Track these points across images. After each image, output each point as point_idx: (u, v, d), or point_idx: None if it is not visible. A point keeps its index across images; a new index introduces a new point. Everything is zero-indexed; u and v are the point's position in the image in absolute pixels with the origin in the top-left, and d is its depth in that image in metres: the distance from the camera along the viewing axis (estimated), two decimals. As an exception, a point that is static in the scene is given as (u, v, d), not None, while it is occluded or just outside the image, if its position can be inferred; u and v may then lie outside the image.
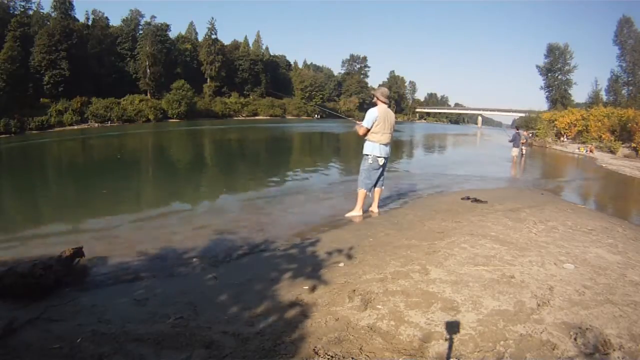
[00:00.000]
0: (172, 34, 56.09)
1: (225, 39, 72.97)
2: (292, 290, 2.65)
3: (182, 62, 54.91)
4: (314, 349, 1.89)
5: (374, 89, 5.11)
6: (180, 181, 8.72)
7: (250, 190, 7.28)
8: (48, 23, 40.79)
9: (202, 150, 17.04)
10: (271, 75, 64.76)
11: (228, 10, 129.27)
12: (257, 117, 56.71)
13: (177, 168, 10.91)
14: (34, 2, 44.15)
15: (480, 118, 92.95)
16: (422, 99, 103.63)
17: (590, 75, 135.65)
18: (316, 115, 64.96)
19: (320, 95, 66.74)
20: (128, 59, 49.67)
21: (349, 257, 3.32)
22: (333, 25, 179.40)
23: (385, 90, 5.07)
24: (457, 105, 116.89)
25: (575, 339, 2.00)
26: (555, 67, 45.81)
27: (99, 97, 40.09)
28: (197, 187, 8.07)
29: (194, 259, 3.48)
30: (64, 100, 37.12)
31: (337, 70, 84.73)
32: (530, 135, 24.97)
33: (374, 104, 4.97)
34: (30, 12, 43.28)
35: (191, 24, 64.61)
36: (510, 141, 13.24)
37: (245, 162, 12.46)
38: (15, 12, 41.98)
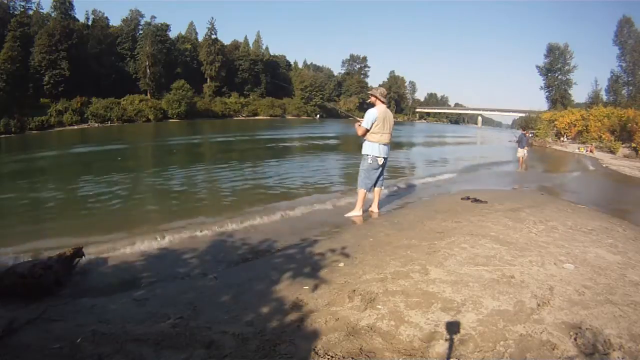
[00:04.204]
0: (172, 34, 56.28)
1: (225, 39, 73.24)
2: (292, 290, 2.65)
3: (182, 62, 54.95)
4: (314, 349, 1.89)
5: (372, 88, 5.09)
6: (180, 183, 8.71)
7: (249, 192, 7.27)
8: (48, 23, 40.81)
9: (203, 155, 17.04)
10: (271, 75, 64.77)
11: (228, 10, 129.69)
12: (257, 117, 56.72)
13: (177, 171, 10.90)
14: (34, 2, 44.34)
15: (480, 118, 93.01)
16: (422, 99, 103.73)
17: (590, 75, 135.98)
18: (317, 116, 64.92)
19: (320, 96, 66.75)
20: (128, 59, 49.70)
21: (349, 257, 3.32)
22: (333, 25, 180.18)
23: (383, 90, 5.07)
24: (457, 105, 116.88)
25: (575, 339, 2.00)
26: (555, 67, 45.74)
27: (99, 97, 40.13)
28: (197, 189, 8.06)
29: (194, 259, 3.48)
30: (64, 100, 37.16)
31: (337, 70, 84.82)
32: (530, 135, 25.02)
33: (372, 104, 4.97)
34: (30, 12, 43.37)
35: (191, 24, 64.76)
36: (517, 142, 13.29)
37: (244, 164, 12.46)
38: (15, 12, 42.04)
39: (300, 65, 79.45)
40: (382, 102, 4.93)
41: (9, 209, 6.16)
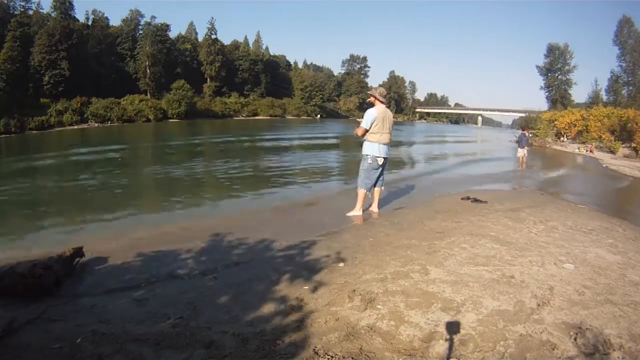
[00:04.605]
0: (172, 34, 56.29)
1: (225, 39, 73.26)
2: (292, 290, 2.65)
3: (182, 62, 54.95)
4: (314, 349, 1.89)
5: (371, 88, 5.10)
6: (182, 183, 8.72)
7: (250, 192, 7.27)
8: (48, 23, 40.82)
9: (203, 156, 17.05)
10: (271, 75, 64.76)
11: (228, 10, 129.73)
12: (257, 117, 56.72)
13: (178, 173, 10.90)
14: (34, 2, 44.35)
15: (480, 118, 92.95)
16: (422, 99, 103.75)
17: (590, 75, 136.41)
18: (317, 116, 64.87)
19: (320, 95, 66.72)
20: (128, 59, 49.71)
21: (349, 257, 3.32)
22: (333, 25, 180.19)
23: (382, 90, 5.06)
24: (457, 105, 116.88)
25: (575, 339, 2.00)
26: (555, 67, 45.80)
27: (99, 97, 40.12)
28: (198, 189, 8.07)
29: (194, 259, 3.48)
30: (64, 100, 37.15)
31: (337, 70, 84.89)
32: (530, 135, 25.06)
33: (371, 104, 4.97)
34: (30, 12, 43.38)
35: (191, 24, 64.77)
36: (516, 142, 13.32)
37: (245, 165, 12.46)
38: (15, 12, 42.05)
39: (300, 65, 79.56)
40: (382, 102, 4.93)
41: (8, 208, 6.16)
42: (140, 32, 51.88)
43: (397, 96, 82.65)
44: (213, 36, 56.87)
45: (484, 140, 33.91)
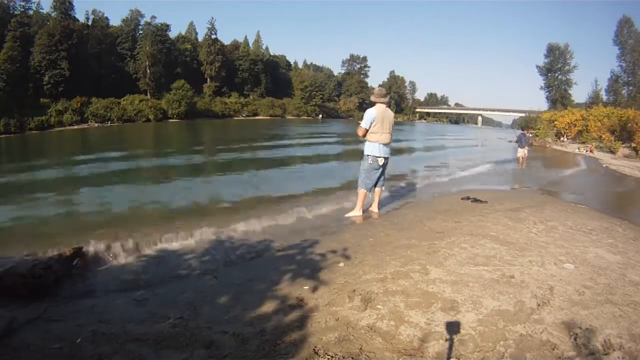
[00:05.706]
0: (172, 34, 56.31)
1: (225, 39, 73.25)
2: (292, 290, 2.65)
3: (182, 62, 54.96)
4: (314, 349, 1.89)
5: (372, 89, 5.16)
6: (181, 185, 8.71)
7: (250, 192, 7.27)
8: (48, 23, 40.84)
9: (202, 155, 17.07)
10: (271, 75, 64.78)
11: (228, 10, 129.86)
12: (257, 117, 56.72)
13: (178, 173, 10.90)
14: (34, 2, 44.39)
15: (480, 118, 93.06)
16: (422, 99, 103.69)
17: (590, 75, 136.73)
18: (319, 116, 64.81)
19: (320, 96, 66.72)
20: (128, 59, 49.70)
21: (349, 257, 3.32)
22: (333, 25, 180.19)
23: (379, 89, 5.06)
24: (457, 105, 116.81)
25: (575, 339, 2.00)
26: (555, 67, 45.84)
27: (99, 97, 40.11)
28: (197, 191, 8.06)
29: (195, 259, 3.48)
30: (64, 100, 37.15)
31: (337, 70, 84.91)
32: (530, 135, 25.06)
33: (373, 105, 4.98)
34: (30, 12, 43.42)
35: (191, 24, 64.75)
36: (516, 142, 13.32)
37: (245, 166, 12.46)
38: (15, 12, 42.08)
39: (300, 65, 79.52)
40: (381, 102, 4.92)
41: (8, 206, 6.16)
42: (140, 32, 51.87)
43: (397, 96, 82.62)
44: (213, 36, 56.89)
45: (484, 139, 33.89)
